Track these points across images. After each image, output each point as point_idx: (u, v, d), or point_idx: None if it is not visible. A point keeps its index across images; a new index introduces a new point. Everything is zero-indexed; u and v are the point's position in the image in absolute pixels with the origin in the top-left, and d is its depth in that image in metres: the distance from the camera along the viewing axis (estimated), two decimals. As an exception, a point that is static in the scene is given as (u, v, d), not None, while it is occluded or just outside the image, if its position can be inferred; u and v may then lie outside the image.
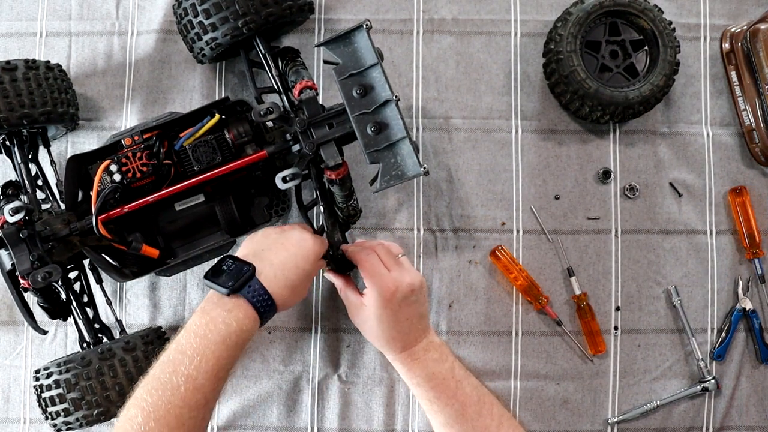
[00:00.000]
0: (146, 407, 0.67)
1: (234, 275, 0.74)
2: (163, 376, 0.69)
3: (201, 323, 0.72)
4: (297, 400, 0.96)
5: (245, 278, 0.74)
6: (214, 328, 0.72)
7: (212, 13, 0.84)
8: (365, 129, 0.78)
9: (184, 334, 0.72)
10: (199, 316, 0.73)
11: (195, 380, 0.69)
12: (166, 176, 0.85)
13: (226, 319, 0.72)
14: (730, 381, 0.97)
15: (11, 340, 0.97)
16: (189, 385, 0.69)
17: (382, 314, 0.82)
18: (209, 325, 0.72)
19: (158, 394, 0.68)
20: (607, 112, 0.93)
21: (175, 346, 0.72)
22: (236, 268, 0.75)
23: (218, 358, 0.71)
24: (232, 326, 0.72)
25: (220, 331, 0.72)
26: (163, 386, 0.68)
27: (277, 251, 0.78)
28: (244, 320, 0.73)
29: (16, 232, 0.80)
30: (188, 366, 0.69)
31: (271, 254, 0.78)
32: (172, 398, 0.68)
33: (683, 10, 1.01)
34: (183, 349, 0.71)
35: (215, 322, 0.72)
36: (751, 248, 0.97)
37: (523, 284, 0.96)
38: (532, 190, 0.98)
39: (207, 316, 0.73)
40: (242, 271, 0.74)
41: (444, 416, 0.82)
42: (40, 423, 0.96)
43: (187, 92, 0.99)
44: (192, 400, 0.69)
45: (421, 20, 1.00)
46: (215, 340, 0.71)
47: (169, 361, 0.71)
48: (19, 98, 0.84)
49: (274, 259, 0.77)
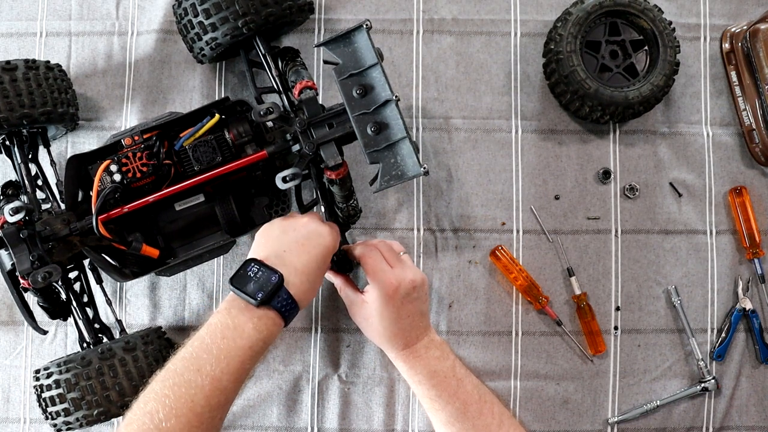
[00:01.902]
0: (168, 403, 0.67)
1: (262, 284, 0.73)
2: (186, 373, 0.69)
3: (229, 325, 0.72)
4: (297, 400, 0.96)
5: (274, 288, 0.73)
6: (243, 333, 0.71)
7: (212, 13, 0.84)
8: (365, 129, 0.78)
9: (209, 334, 0.72)
10: (225, 317, 0.73)
11: (219, 381, 0.69)
12: (166, 176, 0.85)
13: (257, 326, 0.72)
14: (730, 381, 0.97)
15: (11, 340, 0.97)
16: (213, 385, 0.69)
17: (384, 311, 0.82)
18: (237, 329, 0.72)
19: (181, 391, 0.68)
20: (607, 112, 0.93)
21: (199, 344, 0.71)
22: (264, 277, 0.74)
23: (243, 362, 0.71)
24: (263, 333, 0.72)
25: (250, 337, 0.71)
26: (186, 384, 0.68)
27: (299, 254, 0.77)
28: (272, 327, 0.73)
29: (16, 232, 0.80)
30: (214, 367, 0.69)
31: (293, 257, 0.76)
32: (195, 397, 0.68)
33: (683, 10, 1.01)
34: (209, 349, 0.70)
35: (245, 327, 0.72)
36: (751, 248, 0.97)
37: (523, 284, 0.96)
38: (532, 190, 0.98)
39: (235, 319, 0.72)
40: (270, 280, 0.73)
41: (445, 414, 0.82)
42: (40, 423, 0.96)
43: (187, 92, 0.99)
44: (214, 401, 0.69)
45: (421, 20, 1.00)
46: (242, 346, 0.71)
47: (192, 358, 0.70)
48: (19, 98, 0.84)
49: (297, 263, 0.76)
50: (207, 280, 0.97)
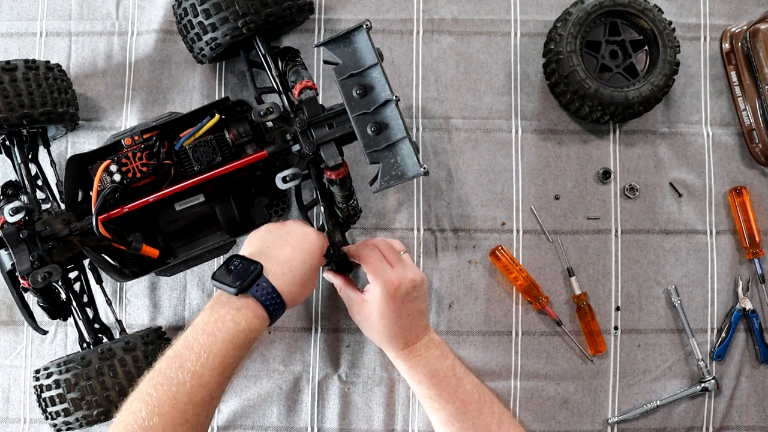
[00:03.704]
0: (151, 402, 0.67)
1: (241, 274, 0.74)
2: (169, 371, 0.69)
3: (209, 320, 0.72)
4: (297, 400, 0.96)
5: (253, 277, 0.74)
6: (222, 326, 0.71)
7: (212, 13, 0.84)
8: (365, 129, 0.78)
9: (192, 331, 0.72)
10: (208, 313, 0.73)
11: (201, 377, 0.69)
12: (166, 176, 0.85)
13: (235, 318, 0.72)
14: (730, 381, 0.97)
15: (11, 340, 0.97)
16: (195, 381, 0.68)
17: (384, 310, 0.82)
18: (217, 323, 0.72)
19: (163, 389, 0.68)
20: (607, 112, 0.93)
21: (182, 342, 0.72)
22: (243, 268, 0.75)
23: (225, 356, 0.71)
24: (241, 324, 0.72)
25: (229, 330, 0.71)
26: (168, 381, 0.68)
27: (281, 248, 0.78)
28: (253, 319, 0.73)
29: (16, 232, 0.80)
30: (195, 362, 0.69)
31: (276, 251, 0.77)
32: (178, 394, 0.68)
33: (683, 10, 1.01)
34: (190, 346, 0.71)
35: (224, 320, 0.72)
36: (751, 248, 0.97)
37: (523, 284, 0.96)
38: (532, 190, 0.98)
39: (215, 313, 0.73)
40: (249, 270, 0.74)
41: (445, 414, 0.82)
42: (40, 423, 0.96)
43: (187, 92, 0.99)
44: (197, 397, 0.68)
45: (421, 20, 1.00)
46: (223, 338, 0.71)
47: (175, 356, 0.70)
48: (19, 98, 0.84)
49: (279, 256, 0.77)
50: (207, 280, 0.97)
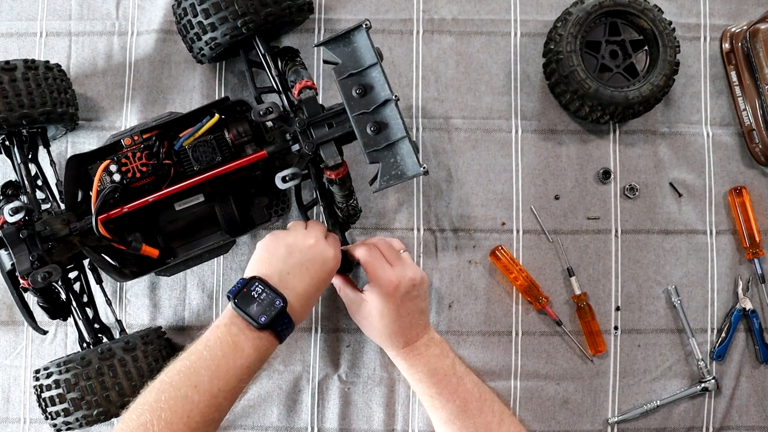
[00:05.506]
0: (164, 417, 0.68)
1: (265, 307, 0.74)
2: (183, 388, 0.70)
3: (228, 343, 0.73)
4: (297, 400, 0.96)
5: (277, 314, 0.74)
6: (242, 353, 0.72)
7: (212, 13, 0.84)
8: (365, 129, 0.78)
9: (208, 349, 0.72)
10: (225, 333, 0.73)
11: (216, 398, 0.70)
12: (166, 176, 0.85)
13: (257, 347, 0.73)
14: (730, 381, 0.97)
15: (11, 340, 0.97)
16: (210, 402, 0.70)
17: (384, 309, 0.82)
18: (237, 349, 0.72)
19: (178, 406, 0.69)
20: (607, 112, 0.93)
21: (197, 358, 0.72)
22: (268, 300, 0.74)
23: (240, 380, 0.72)
24: (260, 353, 0.74)
25: (249, 357, 0.73)
26: (183, 399, 0.69)
27: (302, 277, 0.77)
28: (269, 347, 0.75)
29: (16, 232, 0.80)
30: (212, 385, 0.70)
31: (297, 281, 0.77)
32: (192, 413, 0.69)
33: (683, 10, 1.01)
34: (207, 365, 0.71)
35: (244, 347, 0.73)
36: (751, 248, 0.97)
37: (523, 284, 0.96)
38: (532, 190, 0.98)
39: (234, 338, 0.73)
40: (274, 304, 0.74)
41: (446, 412, 0.82)
42: (40, 423, 0.96)
43: (187, 92, 0.99)
44: (210, 416, 0.70)
45: (421, 20, 1.00)
46: (241, 365, 0.72)
47: (190, 372, 0.71)
48: (18, 98, 0.84)
49: (299, 288, 0.77)
50: (207, 280, 0.97)
